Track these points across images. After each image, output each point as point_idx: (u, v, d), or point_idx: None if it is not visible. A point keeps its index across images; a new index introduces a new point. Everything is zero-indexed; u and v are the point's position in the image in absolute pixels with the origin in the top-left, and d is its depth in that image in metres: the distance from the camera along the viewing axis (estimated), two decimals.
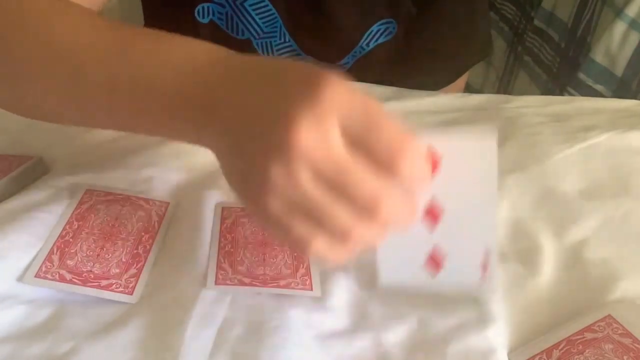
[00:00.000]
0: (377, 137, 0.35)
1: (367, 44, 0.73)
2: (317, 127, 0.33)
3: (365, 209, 0.35)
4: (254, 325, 0.44)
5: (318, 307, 0.45)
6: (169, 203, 0.53)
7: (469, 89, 1.14)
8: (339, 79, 0.35)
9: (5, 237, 0.47)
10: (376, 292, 0.46)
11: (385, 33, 0.72)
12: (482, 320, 0.44)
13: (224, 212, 0.52)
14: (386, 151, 0.34)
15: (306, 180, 0.34)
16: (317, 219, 0.35)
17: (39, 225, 0.49)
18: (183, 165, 0.56)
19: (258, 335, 0.43)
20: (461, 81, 0.81)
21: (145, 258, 0.48)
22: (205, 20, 0.73)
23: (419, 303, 0.45)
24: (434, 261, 0.43)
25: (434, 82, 0.76)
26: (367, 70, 0.75)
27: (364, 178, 0.35)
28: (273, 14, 0.71)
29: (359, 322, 0.44)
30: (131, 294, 0.45)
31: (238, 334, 0.43)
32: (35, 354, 0.42)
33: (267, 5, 0.71)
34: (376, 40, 0.73)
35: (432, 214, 0.41)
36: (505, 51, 1.09)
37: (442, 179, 0.39)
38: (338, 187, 0.35)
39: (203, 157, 0.56)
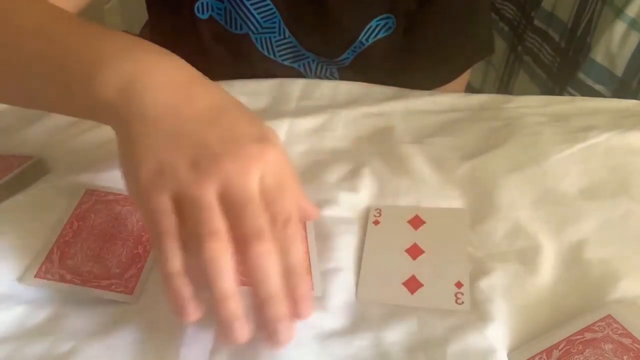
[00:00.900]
0: (282, 201, 0.40)
1: (367, 39, 0.73)
2: (244, 161, 0.39)
3: (246, 237, 0.38)
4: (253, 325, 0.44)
5: (318, 307, 0.45)
6: None
7: (469, 88, 1.13)
8: (280, 149, 0.41)
9: (5, 237, 0.47)
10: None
11: (385, 28, 0.73)
12: (482, 320, 0.44)
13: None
14: (284, 214, 0.40)
15: (212, 189, 0.38)
16: (195, 219, 0.38)
17: (39, 225, 0.49)
18: None
19: (258, 335, 0.43)
20: (462, 79, 0.81)
21: (145, 258, 0.48)
22: (205, 16, 0.73)
23: None
24: (413, 283, 0.47)
25: (433, 79, 0.76)
26: (366, 66, 0.75)
27: (259, 215, 0.39)
28: (272, 9, 0.72)
29: (359, 322, 0.44)
30: (131, 294, 0.46)
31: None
32: (35, 353, 0.42)
33: (265, 0, 0.71)
34: (375, 35, 0.73)
35: (414, 251, 0.49)
36: (505, 51, 1.09)
37: (424, 232, 0.51)
38: (234, 209, 0.38)
39: None
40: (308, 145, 0.60)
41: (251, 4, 0.71)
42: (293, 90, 0.67)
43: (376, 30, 0.73)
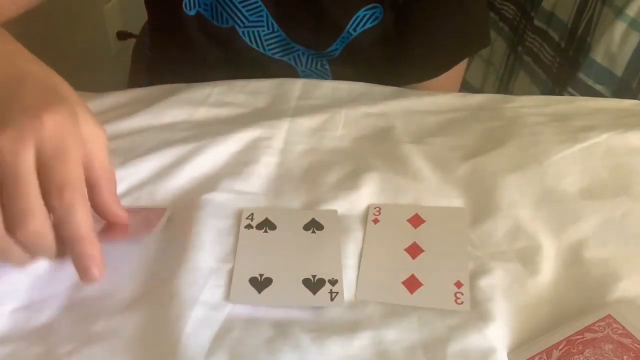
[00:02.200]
0: (58, 169, 0.40)
1: (354, 29, 0.73)
2: (16, 135, 0.39)
3: (13, 219, 0.39)
4: (252, 324, 0.44)
5: (318, 306, 0.45)
6: (165, 209, 0.52)
7: (469, 89, 1.13)
8: (67, 113, 0.42)
9: None
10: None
11: (372, 18, 0.73)
12: (482, 319, 0.44)
13: None
14: (58, 183, 0.40)
15: None
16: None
17: None
18: (183, 168, 0.56)
19: (257, 335, 0.43)
20: (458, 73, 0.80)
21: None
22: (192, 12, 0.74)
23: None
24: (412, 282, 0.47)
25: (426, 71, 0.76)
26: (356, 57, 0.75)
27: (28, 193, 0.39)
28: (257, 3, 0.72)
29: (359, 322, 0.44)
30: None
31: (237, 333, 0.43)
32: (35, 354, 0.42)
33: None
34: (363, 25, 0.73)
35: (413, 250, 0.49)
36: (505, 51, 1.09)
37: (424, 231, 0.50)
38: (6, 189, 0.39)
39: (203, 160, 0.56)
40: (308, 145, 0.60)
41: None
42: (293, 90, 0.67)
43: (364, 20, 0.73)
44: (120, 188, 0.54)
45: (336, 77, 0.77)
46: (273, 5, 0.73)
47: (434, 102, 0.66)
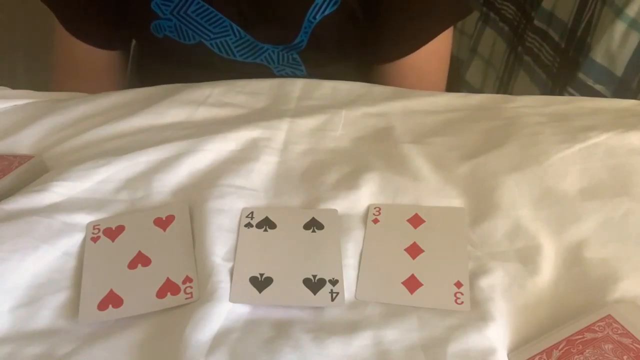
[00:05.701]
0: None
1: (314, 17, 0.73)
2: None
3: None
4: (252, 324, 0.44)
5: (318, 306, 0.45)
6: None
7: (469, 89, 1.13)
8: None
9: (5, 238, 0.47)
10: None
11: (331, 3, 0.73)
12: (482, 320, 0.44)
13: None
14: None
15: None
16: None
17: (39, 226, 0.49)
18: (183, 167, 0.56)
19: (257, 335, 0.43)
20: (443, 44, 0.79)
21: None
22: (160, 35, 0.77)
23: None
24: (412, 283, 0.47)
25: (405, 45, 0.76)
26: (324, 44, 0.76)
27: None
28: (217, 14, 0.74)
29: (359, 322, 0.44)
30: None
31: (237, 333, 0.43)
32: (34, 354, 0.42)
33: (208, 9, 0.73)
34: (322, 12, 0.73)
35: (413, 250, 0.49)
36: (505, 51, 1.09)
37: (424, 231, 0.50)
38: None
39: (202, 157, 0.56)
40: (308, 145, 0.60)
41: (196, 15, 0.73)
42: (293, 90, 0.67)
43: (323, 7, 0.73)
44: (118, 179, 0.54)
45: (309, 66, 0.77)
46: (233, 13, 0.74)
47: (434, 102, 0.66)
